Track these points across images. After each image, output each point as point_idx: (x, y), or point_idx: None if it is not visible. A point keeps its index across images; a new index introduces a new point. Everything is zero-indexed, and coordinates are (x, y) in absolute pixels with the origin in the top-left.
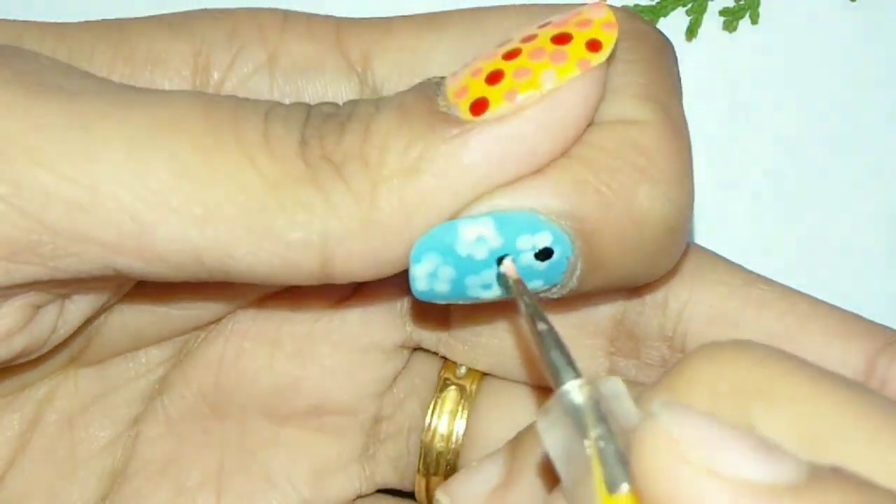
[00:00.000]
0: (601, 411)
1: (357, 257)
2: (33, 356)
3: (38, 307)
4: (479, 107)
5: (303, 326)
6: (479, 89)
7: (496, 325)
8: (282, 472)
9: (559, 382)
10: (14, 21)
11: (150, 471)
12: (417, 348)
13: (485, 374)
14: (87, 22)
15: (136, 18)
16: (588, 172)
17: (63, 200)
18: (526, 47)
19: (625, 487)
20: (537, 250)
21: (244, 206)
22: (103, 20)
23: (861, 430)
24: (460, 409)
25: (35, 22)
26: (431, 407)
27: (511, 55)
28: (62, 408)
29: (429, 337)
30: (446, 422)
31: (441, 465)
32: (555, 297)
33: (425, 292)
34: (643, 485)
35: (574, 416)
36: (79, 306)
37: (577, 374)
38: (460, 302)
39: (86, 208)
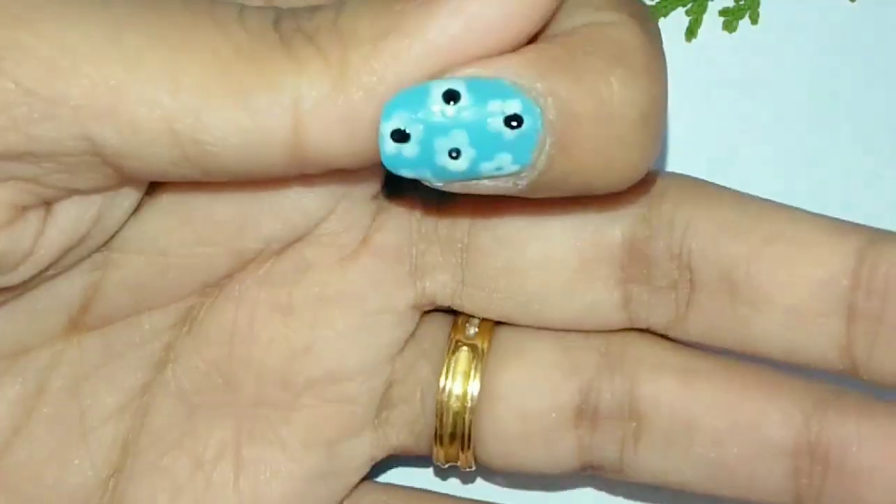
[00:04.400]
0: None
1: (331, 121)
2: (10, 274)
3: (21, 208)
4: None
5: (312, 290)
6: None
7: (514, 268)
8: (298, 441)
9: None
10: None
11: (165, 443)
12: (428, 311)
13: (495, 332)
14: None
15: None
16: (563, 52)
17: (39, 60)
18: None
19: None
20: (507, 114)
21: (217, 71)
22: None
23: None
24: (473, 368)
25: None
26: (444, 369)
27: None
28: (67, 374)
29: (442, 291)
30: (460, 382)
31: (458, 425)
32: (522, 186)
33: (393, 156)
34: None
35: None
36: (62, 227)
37: None
38: (428, 175)
39: (61, 69)
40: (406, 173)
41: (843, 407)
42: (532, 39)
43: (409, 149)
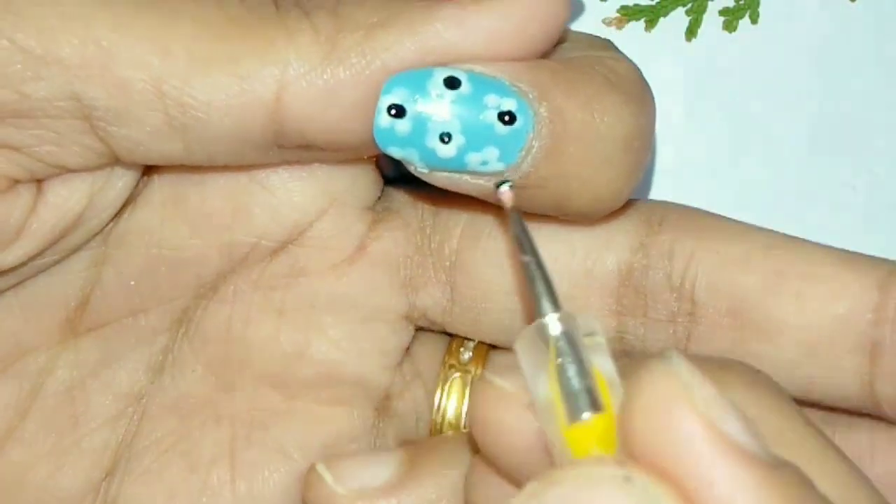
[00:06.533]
0: (575, 344)
1: (313, 94)
2: (4, 253)
3: (11, 180)
4: None
5: (306, 295)
6: None
7: (500, 289)
8: (294, 444)
9: (539, 313)
10: None
11: (160, 447)
12: (421, 329)
13: (489, 357)
14: None
15: None
16: (565, 68)
17: (32, 20)
18: None
19: (587, 416)
20: (502, 110)
21: (207, 38)
22: None
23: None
24: (467, 394)
25: None
26: (438, 393)
27: None
28: (63, 378)
29: (433, 307)
30: (454, 407)
31: None
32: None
33: (386, 130)
34: (637, 418)
35: (545, 344)
36: (53, 205)
37: (557, 308)
38: (415, 158)
39: (53, 29)
40: (394, 152)
41: None
42: None
43: (402, 125)
